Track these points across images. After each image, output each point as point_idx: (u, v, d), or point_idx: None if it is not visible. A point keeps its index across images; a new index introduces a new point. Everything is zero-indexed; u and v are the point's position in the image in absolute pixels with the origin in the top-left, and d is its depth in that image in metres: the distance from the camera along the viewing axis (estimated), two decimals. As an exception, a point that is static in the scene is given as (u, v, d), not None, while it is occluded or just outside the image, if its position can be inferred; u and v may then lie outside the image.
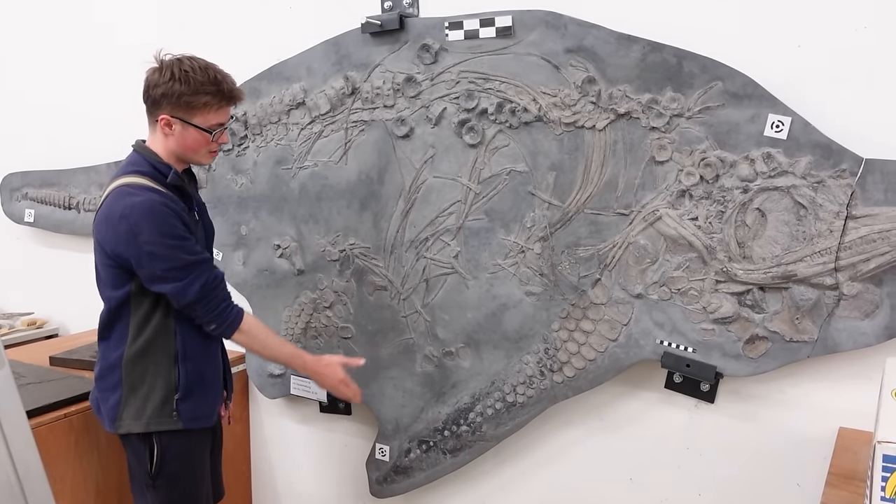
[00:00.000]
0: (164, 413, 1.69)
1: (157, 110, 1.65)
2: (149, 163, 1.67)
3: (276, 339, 1.77)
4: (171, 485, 1.73)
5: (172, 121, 1.64)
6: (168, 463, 1.71)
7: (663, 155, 1.70)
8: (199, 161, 1.73)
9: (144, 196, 1.59)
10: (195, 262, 1.62)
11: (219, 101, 1.65)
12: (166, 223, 1.58)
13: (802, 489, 1.70)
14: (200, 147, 1.69)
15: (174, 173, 1.66)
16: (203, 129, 1.65)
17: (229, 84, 1.67)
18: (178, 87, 1.60)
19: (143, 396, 1.68)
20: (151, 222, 1.57)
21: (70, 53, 2.75)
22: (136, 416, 1.69)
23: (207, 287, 1.63)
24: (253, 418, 2.55)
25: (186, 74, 1.61)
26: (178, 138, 1.66)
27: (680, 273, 1.71)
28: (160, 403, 1.68)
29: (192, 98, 1.61)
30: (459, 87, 1.90)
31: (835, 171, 1.53)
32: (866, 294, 1.54)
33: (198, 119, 1.64)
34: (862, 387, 1.60)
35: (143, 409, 1.68)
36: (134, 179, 1.63)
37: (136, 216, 1.56)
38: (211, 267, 1.66)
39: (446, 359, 2.04)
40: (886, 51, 1.51)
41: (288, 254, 2.25)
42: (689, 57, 1.64)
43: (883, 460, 1.01)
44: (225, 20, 2.36)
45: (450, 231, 1.97)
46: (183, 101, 1.61)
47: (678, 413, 1.83)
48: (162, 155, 1.68)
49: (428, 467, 2.12)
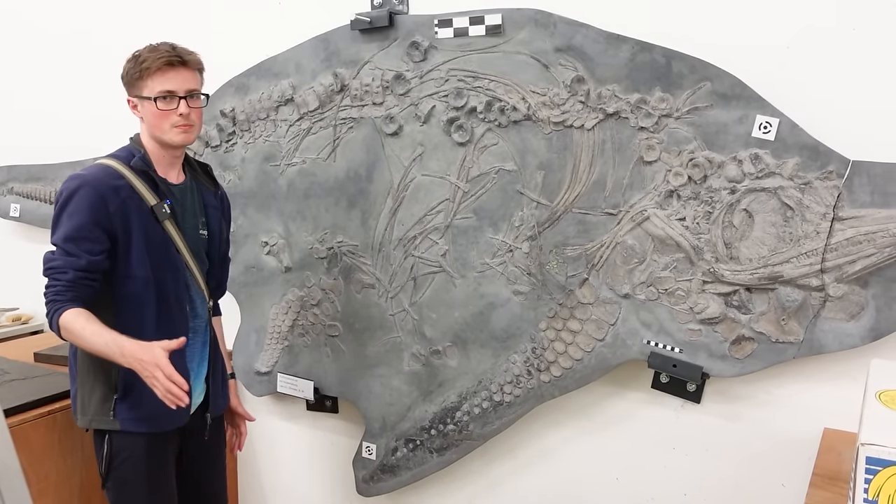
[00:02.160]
0: (103, 411, 1.65)
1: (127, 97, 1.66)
2: (127, 149, 1.68)
3: (91, 329, 1.54)
4: (119, 489, 1.69)
5: (132, 101, 1.65)
6: (117, 466, 1.67)
7: (651, 155, 1.70)
8: (169, 139, 1.65)
9: (88, 171, 1.61)
10: (62, 247, 1.56)
11: (154, 63, 1.61)
12: (83, 197, 1.56)
13: (787, 489, 1.71)
14: (161, 120, 1.63)
15: (139, 158, 1.64)
16: (149, 98, 1.61)
17: (170, 49, 1.63)
18: (128, 66, 1.63)
19: (88, 392, 1.66)
20: (72, 191, 1.57)
21: (57, 48, 2.73)
22: (83, 411, 1.67)
23: (50, 272, 1.57)
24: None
25: (137, 55, 1.63)
26: (145, 118, 1.65)
27: (667, 273, 1.71)
28: (100, 401, 1.65)
29: (134, 70, 1.62)
30: (448, 85, 1.90)
31: (822, 173, 1.54)
32: (852, 296, 1.54)
33: (145, 90, 1.62)
34: (847, 388, 1.60)
35: (87, 406, 1.66)
36: (101, 160, 1.65)
37: (67, 184, 1.59)
38: (70, 261, 1.55)
39: (433, 357, 2.03)
40: (874, 53, 1.52)
41: (275, 251, 2.24)
42: (678, 57, 1.64)
43: (866, 462, 1.01)
44: (214, 16, 2.35)
45: (438, 229, 1.97)
46: (131, 77, 1.63)
47: (665, 413, 1.83)
48: (147, 143, 1.68)
49: (414, 466, 2.11)
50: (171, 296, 1.68)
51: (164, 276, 1.66)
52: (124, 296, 1.63)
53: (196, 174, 1.80)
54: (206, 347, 1.80)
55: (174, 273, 1.68)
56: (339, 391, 2.21)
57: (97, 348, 1.54)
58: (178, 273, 1.70)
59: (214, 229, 1.81)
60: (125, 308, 1.63)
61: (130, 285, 1.63)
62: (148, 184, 1.64)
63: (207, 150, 2.31)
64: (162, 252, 1.66)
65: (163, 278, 1.66)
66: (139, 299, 1.63)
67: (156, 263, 1.64)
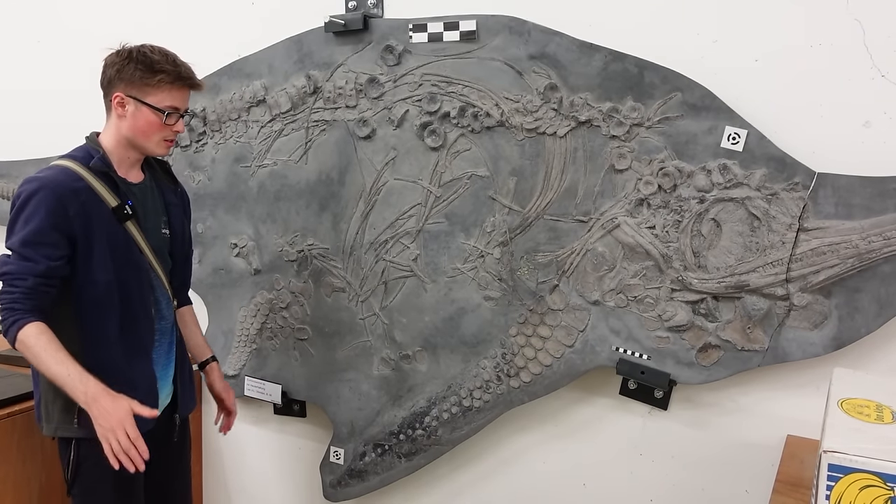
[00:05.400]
0: (67, 419, 1.60)
1: (112, 90, 1.59)
2: (85, 149, 1.61)
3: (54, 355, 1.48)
4: (85, 497, 1.65)
5: (126, 99, 1.58)
6: (83, 473, 1.62)
7: (623, 163, 1.71)
8: (153, 150, 1.64)
9: (46, 173, 1.54)
10: (19, 252, 1.50)
11: (174, 80, 1.60)
12: (41, 201, 1.50)
13: (751, 495, 1.73)
14: (153, 131, 1.61)
15: (99, 159, 1.58)
16: (157, 108, 1.59)
17: (187, 68, 1.63)
18: (133, 64, 1.57)
19: (52, 399, 1.61)
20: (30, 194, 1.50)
21: (23, 44, 2.67)
22: (48, 418, 1.62)
23: (6, 278, 1.50)
24: (205, 419, 2.50)
25: (144, 54, 1.58)
26: (131, 120, 1.59)
27: (637, 281, 1.73)
28: (63, 409, 1.59)
29: (146, 74, 1.57)
30: (422, 89, 1.90)
31: (788, 185, 1.57)
32: (816, 305, 1.57)
33: (152, 98, 1.58)
34: (810, 396, 1.63)
35: (51, 413, 1.61)
36: (59, 161, 1.58)
37: (24, 186, 1.52)
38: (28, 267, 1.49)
39: (403, 362, 2.02)
40: (838, 68, 1.55)
41: (245, 253, 2.22)
42: (650, 67, 1.66)
43: (828, 469, 1.03)
44: (186, 15, 2.32)
45: (409, 234, 1.96)
46: (137, 76, 1.57)
47: (632, 419, 1.85)
48: (110, 142, 1.62)
49: (382, 471, 2.10)
50: (136, 299, 1.64)
51: (127, 279, 1.61)
52: (87, 302, 1.58)
53: (155, 172, 1.75)
54: (172, 347, 1.77)
55: (138, 275, 1.64)
56: (308, 395, 2.19)
57: (57, 377, 1.48)
58: (142, 274, 1.65)
59: (177, 228, 1.77)
60: (88, 315, 1.58)
61: (93, 291, 1.57)
62: (108, 185, 1.59)
63: (177, 149, 2.28)
64: (125, 254, 1.61)
65: (127, 281, 1.61)
66: (102, 305, 1.58)
67: (119, 266, 1.59)
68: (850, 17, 1.53)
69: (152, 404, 1.67)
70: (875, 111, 1.53)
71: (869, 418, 1.14)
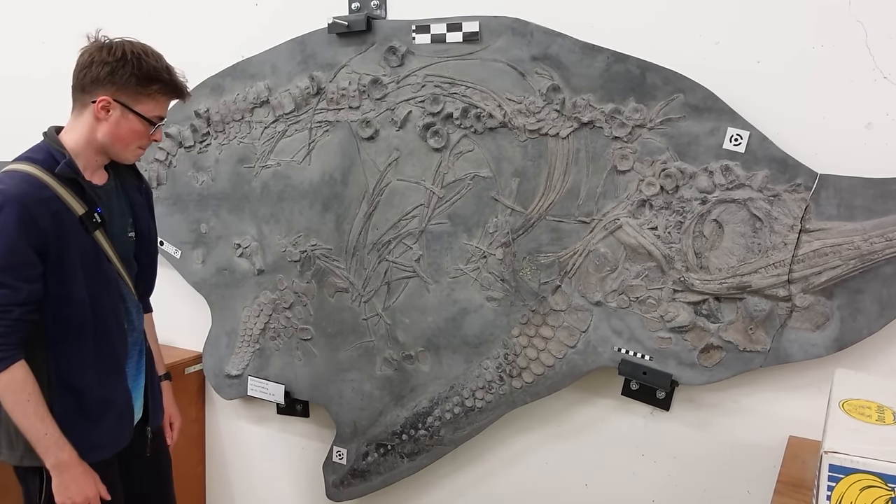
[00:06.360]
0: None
1: (96, 90, 1.46)
2: (46, 150, 1.47)
3: (36, 411, 1.41)
4: None
5: (113, 105, 1.46)
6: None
7: (625, 164, 1.72)
8: (125, 157, 1.55)
9: (8, 183, 1.40)
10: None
11: (168, 90, 1.52)
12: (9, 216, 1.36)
13: (752, 496, 1.73)
14: (135, 140, 1.52)
15: (65, 164, 1.44)
16: (146, 118, 1.50)
17: (180, 76, 1.55)
18: (129, 69, 1.45)
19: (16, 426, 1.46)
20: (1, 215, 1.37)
21: (18, 37, 2.68)
22: (11, 446, 1.50)
23: None
24: (208, 419, 2.52)
25: (139, 58, 1.47)
26: (113, 126, 1.48)
27: (639, 282, 1.73)
28: None
29: (142, 82, 1.47)
30: (425, 90, 1.90)
31: (790, 186, 1.57)
32: (818, 306, 1.57)
33: (142, 107, 1.49)
34: (811, 397, 1.63)
35: (16, 440, 1.48)
36: (19, 167, 1.44)
37: None
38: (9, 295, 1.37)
39: (406, 362, 2.03)
40: (841, 70, 1.55)
41: (248, 253, 2.22)
42: (652, 69, 1.66)
43: (829, 470, 1.03)
44: (190, 16, 2.33)
45: (412, 234, 1.97)
46: (131, 84, 1.46)
47: (634, 420, 1.85)
48: (78, 144, 1.49)
49: (385, 471, 2.11)
50: (109, 314, 1.54)
51: (99, 293, 1.50)
52: (59, 322, 1.46)
53: (118, 170, 1.63)
54: (142, 358, 1.68)
55: (108, 286, 1.54)
56: (311, 395, 2.20)
57: (31, 431, 1.41)
58: (112, 286, 1.55)
59: (143, 229, 1.66)
60: (60, 336, 1.47)
61: (66, 309, 1.46)
62: (74, 191, 1.46)
63: (181, 150, 2.29)
64: (95, 265, 1.50)
65: (98, 296, 1.50)
66: (76, 324, 1.48)
67: (90, 280, 1.48)
68: (853, 19, 1.53)
69: (129, 422, 1.62)
70: (877, 113, 1.53)
71: (870, 419, 1.14)
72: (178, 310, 2.45)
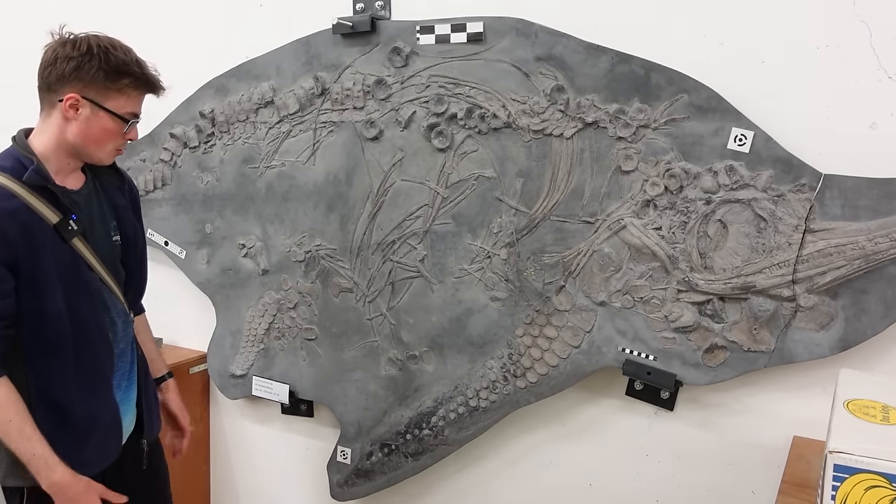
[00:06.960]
0: (14, 467, 1.40)
1: (62, 88, 1.38)
2: (15, 156, 1.39)
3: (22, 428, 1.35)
4: None
5: (82, 102, 1.38)
6: None
7: (629, 165, 1.72)
8: (99, 159, 1.46)
9: None
10: None
11: (140, 84, 1.43)
12: None
13: (757, 496, 1.73)
14: (108, 139, 1.43)
15: (33, 170, 1.36)
16: (118, 115, 1.41)
17: (152, 69, 1.46)
18: (96, 63, 1.37)
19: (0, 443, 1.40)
20: None
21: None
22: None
23: None
24: (213, 419, 2.52)
25: (107, 51, 1.38)
26: (83, 125, 1.40)
27: (643, 282, 1.73)
28: (12, 454, 1.38)
29: (111, 76, 1.39)
30: (429, 91, 1.91)
31: (794, 186, 1.57)
32: (822, 306, 1.57)
33: (113, 103, 1.40)
34: (816, 397, 1.63)
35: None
36: None
37: None
38: None
39: (410, 362, 2.03)
40: (845, 70, 1.55)
41: (253, 253, 2.23)
42: (657, 69, 1.66)
43: (834, 469, 1.03)
44: (195, 17, 2.33)
45: (416, 234, 1.97)
46: (100, 78, 1.38)
47: (638, 420, 1.85)
48: (47, 147, 1.41)
49: (389, 471, 2.11)
50: (91, 325, 1.46)
51: (79, 305, 1.43)
52: (37, 337, 1.40)
53: (97, 172, 1.55)
54: (133, 368, 1.61)
55: (90, 297, 1.46)
56: (315, 395, 2.20)
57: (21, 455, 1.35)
58: (95, 296, 1.47)
59: (128, 232, 1.58)
60: (38, 352, 1.40)
61: (43, 324, 1.39)
62: (46, 199, 1.38)
63: (186, 150, 2.29)
64: (74, 276, 1.42)
65: (78, 307, 1.43)
66: (55, 339, 1.40)
67: (69, 292, 1.41)
68: (857, 19, 1.53)
69: (116, 439, 1.55)
70: (882, 112, 1.53)
71: (875, 419, 1.14)
72: (183, 310, 2.46)
